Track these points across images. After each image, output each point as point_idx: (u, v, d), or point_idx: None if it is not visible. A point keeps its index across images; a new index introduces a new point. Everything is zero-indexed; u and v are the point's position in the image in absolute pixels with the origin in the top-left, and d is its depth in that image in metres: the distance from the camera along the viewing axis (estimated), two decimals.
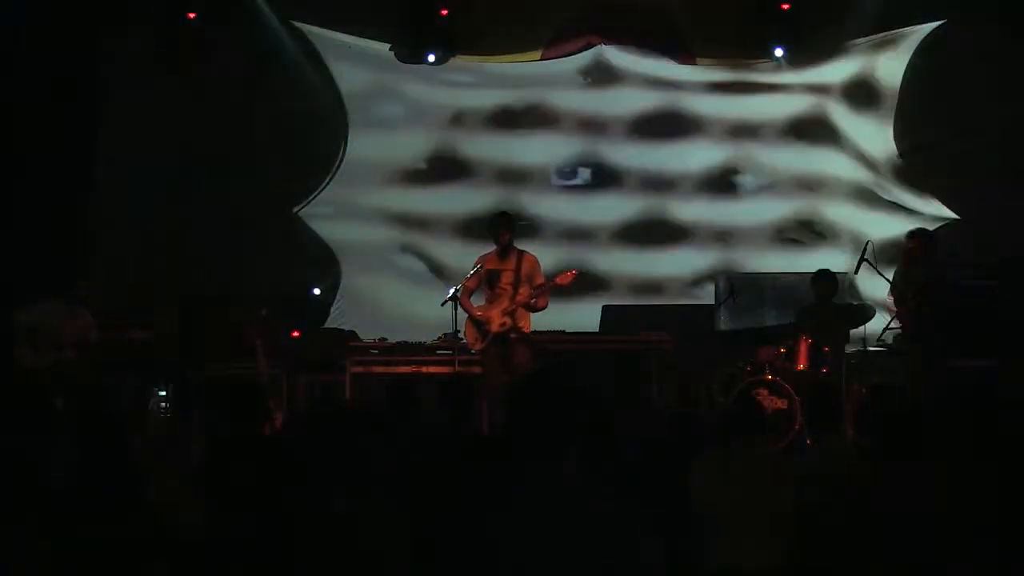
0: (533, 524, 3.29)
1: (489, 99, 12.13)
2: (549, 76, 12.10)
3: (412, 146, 12.14)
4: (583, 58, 12.06)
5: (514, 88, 12.12)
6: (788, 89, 12.08)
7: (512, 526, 3.31)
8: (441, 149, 12.12)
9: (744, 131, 12.12)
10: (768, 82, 12.08)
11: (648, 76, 12.08)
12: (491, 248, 9.14)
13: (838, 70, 12.02)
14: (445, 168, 12.12)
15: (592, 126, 12.13)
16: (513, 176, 12.07)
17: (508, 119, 12.13)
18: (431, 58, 11.88)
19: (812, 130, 12.06)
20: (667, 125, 12.10)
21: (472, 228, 11.45)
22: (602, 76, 12.09)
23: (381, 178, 12.10)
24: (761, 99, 12.08)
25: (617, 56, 12.05)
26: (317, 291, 11.70)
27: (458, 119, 12.15)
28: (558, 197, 12.15)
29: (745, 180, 12.23)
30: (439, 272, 11.81)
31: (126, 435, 4.66)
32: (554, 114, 12.11)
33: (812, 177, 12.10)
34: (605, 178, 12.17)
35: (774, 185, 12.16)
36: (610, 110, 12.11)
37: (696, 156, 12.16)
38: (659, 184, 12.10)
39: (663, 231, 12.07)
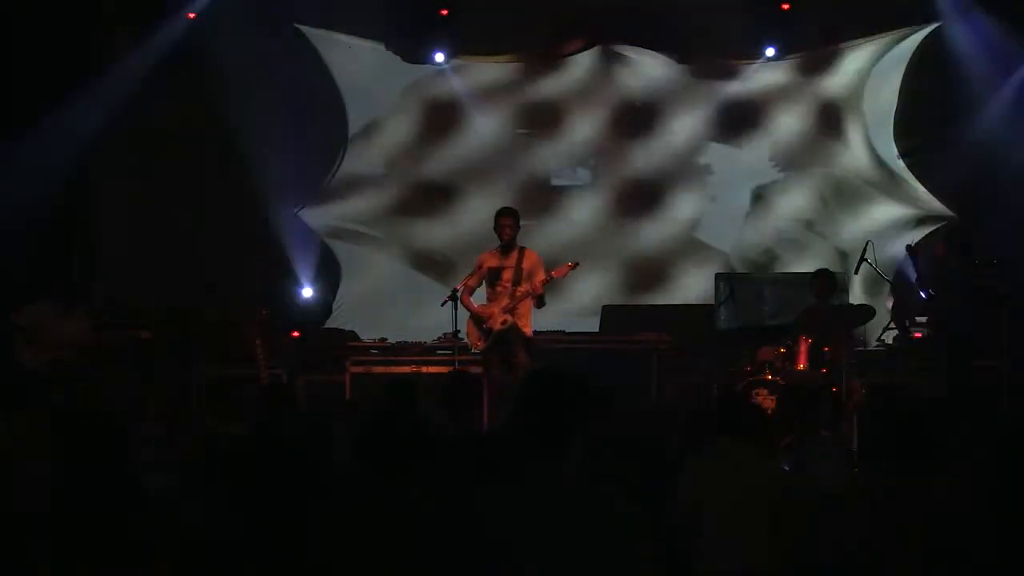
0: (533, 523, 3.28)
1: (489, 99, 12.12)
2: (549, 76, 12.10)
3: (412, 146, 12.13)
4: (583, 58, 12.08)
5: (514, 87, 12.12)
6: (788, 89, 12.07)
7: (512, 525, 3.30)
8: (441, 148, 12.11)
9: (744, 131, 12.12)
10: (768, 82, 12.07)
11: (647, 75, 12.08)
12: (493, 247, 9.15)
13: (838, 70, 12.01)
14: (445, 167, 12.10)
15: (591, 126, 12.13)
16: (513, 175, 12.06)
17: (508, 118, 12.13)
18: (431, 58, 11.87)
19: (812, 130, 12.06)
20: (667, 125, 12.09)
21: (472, 227, 11.43)
22: (604, 75, 12.09)
23: (381, 178, 12.09)
24: (760, 99, 12.07)
25: (617, 56, 12.04)
26: (309, 292, 11.65)
27: (458, 119, 12.13)
28: (557, 196, 12.15)
29: (743, 178, 12.23)
30: (439, 272, 11.80)
31: (125, 434, 4.66)
32: (554, 114, 12.11)
33: (812, 176, 12.11)
34: (603, 177, 12.16)
35: (774, 184, 12.16)
36: (610, 110, 12.11)
37: (696, 156, 12.16)
38: (658, 183, 12.10)
39: (663, 231, 12.07)
